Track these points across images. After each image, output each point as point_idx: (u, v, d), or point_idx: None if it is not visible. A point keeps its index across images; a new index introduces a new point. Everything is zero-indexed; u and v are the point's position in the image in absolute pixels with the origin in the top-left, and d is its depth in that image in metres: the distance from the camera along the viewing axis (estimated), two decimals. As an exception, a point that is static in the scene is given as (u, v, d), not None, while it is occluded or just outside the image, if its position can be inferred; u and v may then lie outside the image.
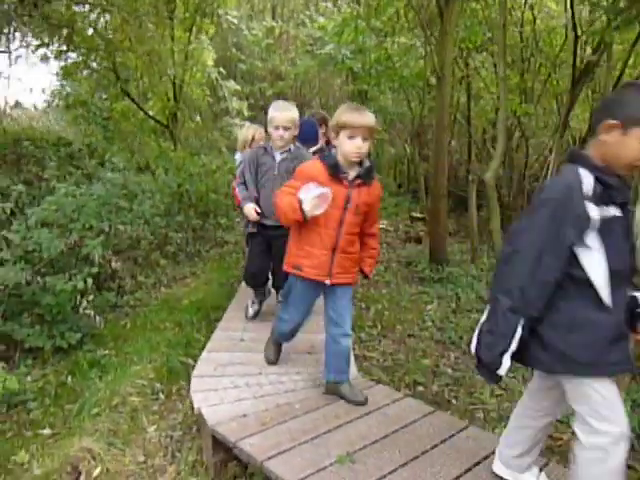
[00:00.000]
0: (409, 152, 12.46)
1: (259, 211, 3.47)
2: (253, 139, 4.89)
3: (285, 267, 2.82)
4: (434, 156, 6.74)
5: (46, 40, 9.14)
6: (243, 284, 5.20)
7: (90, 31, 9.42)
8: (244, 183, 3.60)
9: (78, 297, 4.08)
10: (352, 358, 3.51)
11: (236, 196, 3.83)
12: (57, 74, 11.00)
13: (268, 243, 3.61)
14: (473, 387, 3.51)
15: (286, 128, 3.34)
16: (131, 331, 4.53)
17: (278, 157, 3.49)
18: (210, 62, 11.92)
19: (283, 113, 3.35)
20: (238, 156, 5.11)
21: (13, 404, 3.37)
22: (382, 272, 6.55)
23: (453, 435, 2.47)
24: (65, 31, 8.66)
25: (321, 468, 2.17)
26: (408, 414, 2.66)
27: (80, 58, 9.85)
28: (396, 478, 2.13)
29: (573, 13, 5.93)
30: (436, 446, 2.37)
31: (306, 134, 3.97)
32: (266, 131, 4.00)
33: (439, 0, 5.93)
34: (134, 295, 5.33)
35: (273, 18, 15.95)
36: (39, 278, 3.94)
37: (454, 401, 3.33)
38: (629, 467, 2.55)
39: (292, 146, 3.50)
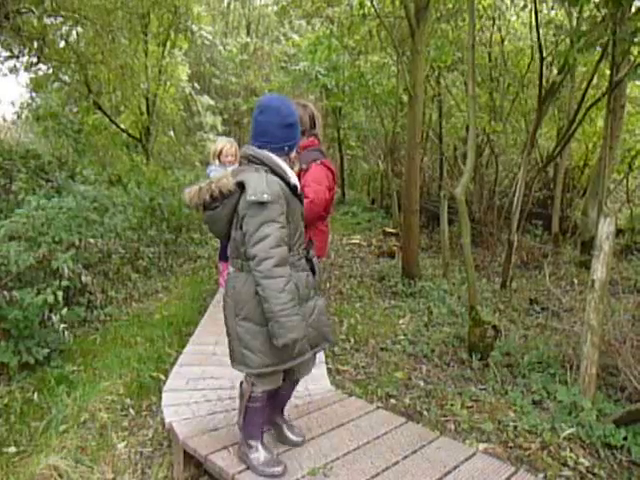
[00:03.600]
0: (382, 168, 12.62)
1: None
2: (221, 152, 5.01)
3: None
4: (406, 172, 6.84)
5: (16, 52, 9.03)
6: (215, 298, 5.18)
7: (62, 44, 9.35)
8: None
9: (46, 312, 3.99)
10: (325, 371, 3.53)
11: None
12: (27, 86, 10.85)
13: None
14: (444, 399, 3.54)
15: None
16: (101, 346, 4.45)
17: None
18: (184, 77, 11.95)
19: None
20: (210, 168, 5.17)
21: (-24, 422, 3.27)
22: (355, 287, 6.59)
23: (424, 446, 2.49)
24: (36, 43, 8.57)
25: (293, 481, 2.17)
26: (380, 426, 2.68)
27: (51, 70, 9.76)
28: (368, 489, 2.14)
29: (539, 35, 6.13)
30: (407, 457, 2.39)
31: None
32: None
33: (410, 20, 6.07)
34: (104, 310, 5.23)
35: (248, 34, 16.07)
36: (5, 292, 3.85)
37: (426, 413, 3.35)
38: (594, 475, 2.61)
39: None
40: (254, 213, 2.08)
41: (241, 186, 2.13)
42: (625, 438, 2.91)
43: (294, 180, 2.25)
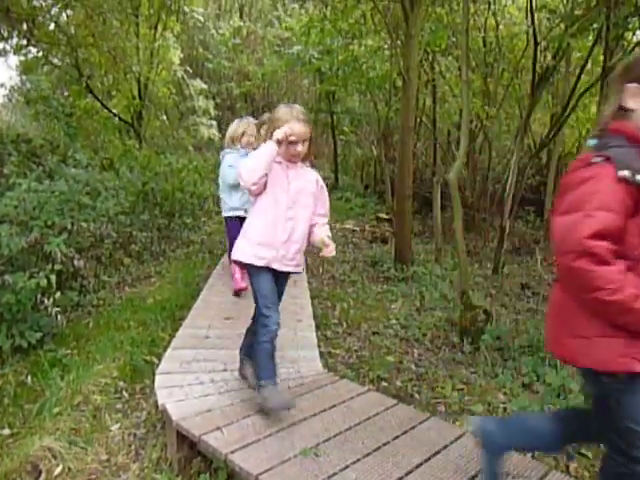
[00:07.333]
0: (375, 154, 12.60)
1: None
2: (243, 134, 4.58)
3: None
4: (400, 158, 6.84)
5: (5, 34, 8.90)
6: (208, 283, 5.19)
7: (52, 26, 9.22)
8: None
9: (39, 296, 3.99)
10: (317, 354, 3.56)
11: None
12: (17, 69, 10.72)
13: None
14: (435, 382, 3.59)
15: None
16: (94, 330, 4.45)
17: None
18: (176, 60, 11.81)
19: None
20: (223, 153, 4.73)
21: (-30, 405, 3.28)
22: (348, 272, 6.61)
23: (415, 426, 2.53)
24: (25, 25, 8.45)
25: (285, 460, 2.20)
26: (371, 407, 2.71)
27: (41, 53, 9.63)
28: (359, 468, 2.17)
29: (533, 20, 6.12)
30: (398, 437, 2.42)
31: None
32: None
33: (404, 3, 6.02)
34: (97, 294, 5.24)
35: (241, 18, 15.88)
36: (-2, 276, 3.84)
37: (417, 395, 3.39)
38: (581, 454, 2.66)
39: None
40: None
41: None
42: (612, 419, 2.96)
43: None
